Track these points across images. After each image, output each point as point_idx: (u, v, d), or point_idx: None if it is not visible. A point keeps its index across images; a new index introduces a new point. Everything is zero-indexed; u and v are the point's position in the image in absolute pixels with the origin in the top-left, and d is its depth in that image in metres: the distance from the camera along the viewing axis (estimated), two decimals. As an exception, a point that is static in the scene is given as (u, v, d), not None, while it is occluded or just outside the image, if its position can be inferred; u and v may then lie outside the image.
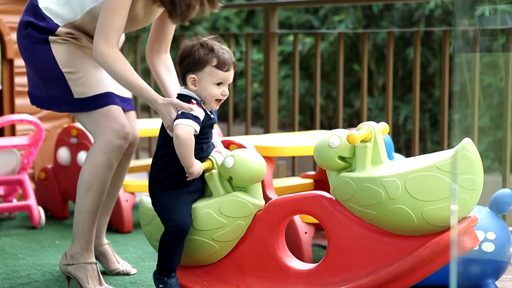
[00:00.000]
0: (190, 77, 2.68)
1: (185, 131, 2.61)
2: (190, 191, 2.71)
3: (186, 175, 2.67)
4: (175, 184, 2.70)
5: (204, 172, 2.71)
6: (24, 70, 4.27)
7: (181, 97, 2.69)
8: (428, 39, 6.50)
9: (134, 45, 5.69)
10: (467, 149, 2.41)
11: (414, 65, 4.09)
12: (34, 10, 2.95)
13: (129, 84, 2.77)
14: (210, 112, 2.72)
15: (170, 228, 2.65)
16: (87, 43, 2.96)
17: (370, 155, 2.52)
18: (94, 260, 2.93)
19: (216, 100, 2.69)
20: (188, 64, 2.68)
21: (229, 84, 2.72)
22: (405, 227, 2.45)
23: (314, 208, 2.62)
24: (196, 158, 2.67)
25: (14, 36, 4.22)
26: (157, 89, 3.22)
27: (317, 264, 2.64)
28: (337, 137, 2.54)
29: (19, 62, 4.26)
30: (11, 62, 4.24)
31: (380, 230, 2.52)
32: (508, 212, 2.86)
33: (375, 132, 2.53)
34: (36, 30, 2.93)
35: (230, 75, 2.70)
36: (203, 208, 2.69)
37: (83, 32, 2.95)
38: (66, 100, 2.92)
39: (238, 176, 2.67)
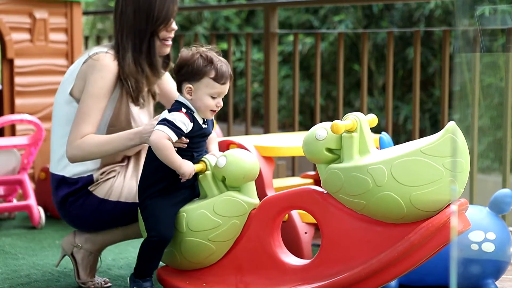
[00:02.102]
0: (187, 86, 2.69)
1: (156, 136, 2.63)
2: (178, 201, 2.73)
3: (180, 176, 2.68)
4: (164, 192, 2.72)
5: (197, 174, 2.72)
6: (24, 70, 4.29)
7: (176, 104, 2.71)
8: (428, 39, 6.51)
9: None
10: (452, 131, 2.40)
11: (414, 65, 4.09)
12: (63, 181, 2.99)
13: (116, 143, 2.81)
14: (204, 122, 2.73)
15: (153, 237, 2.69)
16: (120, 169, 3.01)
17: (356, 145, 2.51)
18: (99, 253, 3.02)
19: (210, 110, 2.70)
20: (186, 73, 2.69)
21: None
22: (395, 214, 2.45)
23: (307, 202, 2.62)
24: None
25: (14, 36, 4.22)
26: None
27: (312, 258, 2.65)
28: (324, 129, 2.54)
29: (19, 62, 4.26)
30: (11, 62, 4.24)
31: (371, 220, 2.51)
32: (508, 212, 2.86)
33: (361, 122, 2.53)
34: (76, 195, 2.97)
35: (226, 88, 2.72)
36: (197, 209, 2.69)
37: (111, 163, 3.00)
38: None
39: (230, 175, 2.67)
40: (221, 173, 2.68)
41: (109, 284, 2.99)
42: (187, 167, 2.66)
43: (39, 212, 3.92)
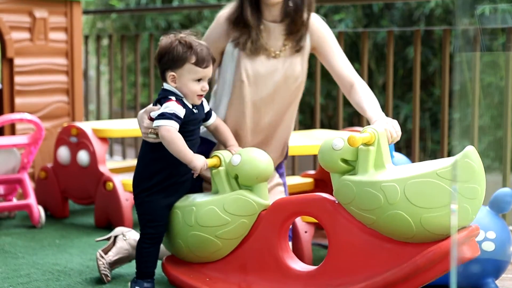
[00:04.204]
0: (170, 74, 2.71)
1: (167, 131, 2.64)
2: (172, 197, 2.77)
3: (192, 171, 2.70)
4: (159, 186, 2.74)
5: (206, 172, 2.74)
6: (24, 69, 4.28)
7: (163, 92, 2.73)
8: (428, 38, 6.50)
9: (134, 44, 5.68)
10: (469, 157, 2.37)
11: (414, 64, 4.08)
12: None
13: None
14: (194, 107, 2.74)
15: (147, 234, 2.74)
16: None
17: (372, 159, 2.50)
18: (134, 255, 3.01)
19: (197, 95, 2.73)
20: (167, 61, 2.71)
21: (209, 78, 2.77)
22: (404, 233, 2.43)
23: (317, 210, 2.61)
24: None
25: (14, 35, 4.22)
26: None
27: (317, 266, 2.64)
28: (341, 139, 2.53)
29: (19, 61, 4.25)
30: (11, 61, 4.24)
31: (380, 236, 2.49)
32: (508, 211, 2.86)
33: (379, 136, 2.52)
34: None
35: (209, 71, 2.74)
36: (207, 204, 2.70)
37: None
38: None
39: (244, 174, 2.68)
40: (235, 171, 2.69)
41: (109, 279, 2.98)
42: (198, 161, 2.66)
43: (39, 211, 3.92)
